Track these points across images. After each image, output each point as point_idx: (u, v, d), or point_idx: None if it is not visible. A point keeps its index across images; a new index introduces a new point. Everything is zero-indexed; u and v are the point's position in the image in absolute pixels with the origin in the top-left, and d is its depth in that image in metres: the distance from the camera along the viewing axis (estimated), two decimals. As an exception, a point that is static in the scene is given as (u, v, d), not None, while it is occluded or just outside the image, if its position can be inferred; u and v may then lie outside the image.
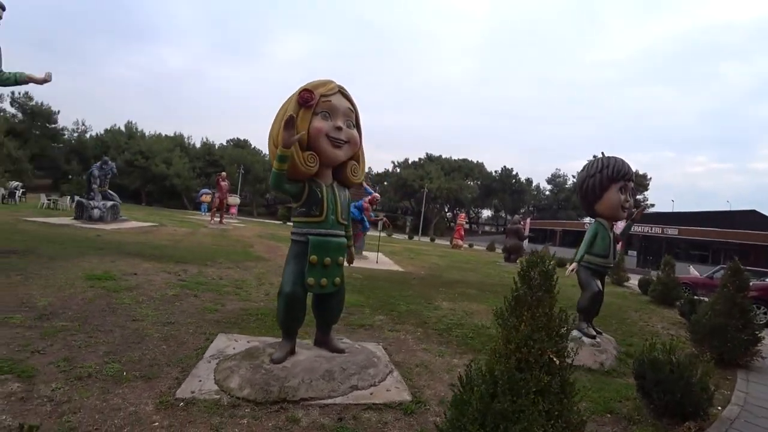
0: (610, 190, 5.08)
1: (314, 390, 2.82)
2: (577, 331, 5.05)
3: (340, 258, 3.34)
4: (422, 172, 58.66)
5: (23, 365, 3.01)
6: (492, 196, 69.74)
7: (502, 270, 15.31)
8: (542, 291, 1.98)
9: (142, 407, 2.56)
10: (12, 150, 37.42)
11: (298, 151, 3.02)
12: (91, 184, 15.35)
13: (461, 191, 59.06)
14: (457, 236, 29.63)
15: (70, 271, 6.21)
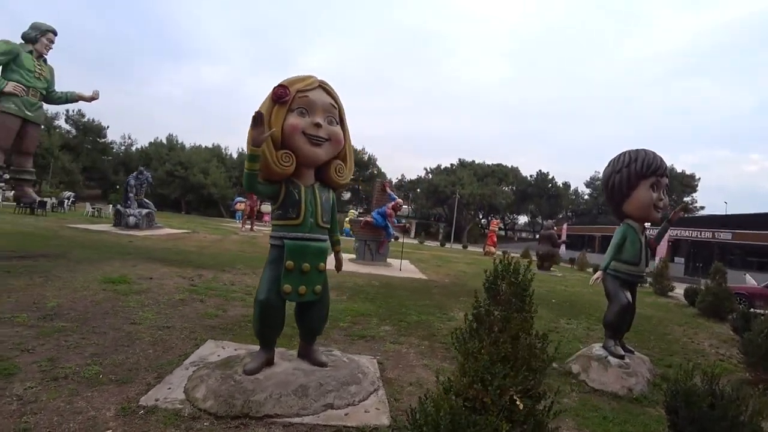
0: (639, 188, 4.49)
1: (282, 406, 2.62)
2: (603, 350, 4.56)
3: (321, 264, 3.13)
4: (454, 178, 57.89)
5: (7, 363, 3.04)
6: (528, 202, 67.76)
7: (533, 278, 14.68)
8: (512, 308, 1.63)
9: (103, 412, 2.48)
10: (66, 163, 40.57)
11: (271, 150, 2.87)
12: (128, 193, 16.08)
13: (495, 197, 57.76)
14: (489, 243, 28.80)
15: (90, 274, 6.41)
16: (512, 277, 1.67)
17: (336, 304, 6.40)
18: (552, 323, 6.85)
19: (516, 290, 1.65)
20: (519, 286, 1.65)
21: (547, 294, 10.57)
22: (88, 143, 52.14)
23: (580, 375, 4.31)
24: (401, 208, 13.79)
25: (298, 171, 3.07)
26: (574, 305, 9.00)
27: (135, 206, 15.90)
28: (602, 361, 4.35)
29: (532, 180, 67.81)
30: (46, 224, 13.67)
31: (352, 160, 3.45)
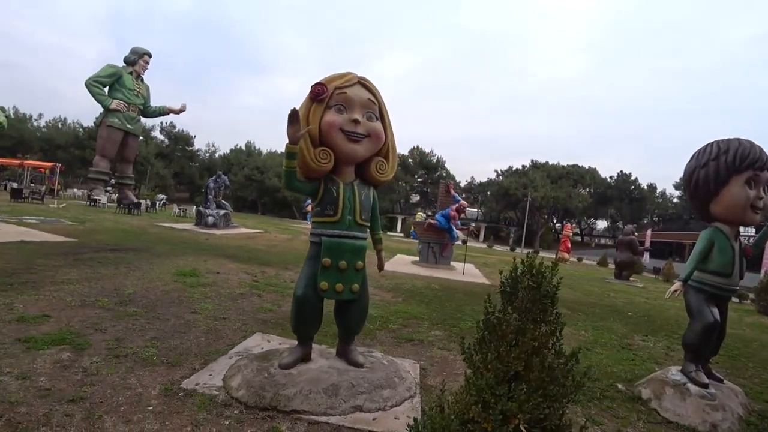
0: (730, 184, 3.73)
1: (310, 403, 2.61)
2: (681, 375, 3.89)
3: (359, 262, 3.08)
4: (526, 180, 55.28)
5: (82, 339, 3.41)
6: (607, 205, 62.41)
7: (608, 288, 13.47)
8: (528, 318, 1.40)
9: (149, 390, 2.66)
10: (160, 169, 45.79)
11: (309, 148, 2.88)
12: (208, 195, 17.42)
13: (570, 199, 54.17)
14: (562, 248, 26.96)
15: (166, 267, 7.02)
16: (532, 281, 1.43)
17: (389, 305, 6.36)
18: (624, 339, 6.18)
19: (535, 296, 1.40)
20: (539, 292, 1.40)
21: (623, 306, 9.64)
22: (178, 151, 58.48)
23: (650, 402, 3.72)
24: (465, 210, 13.44)
25: (337, 168, 3.06)
26: (654, 320, 8.08)
27: (214, 207, 17.22)
28: (680, 388, 3.71)
29: (611, 182, 62.45)
30: (139, 222, 15.30)
31: (395, 157, 3.37)
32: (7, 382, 2.58)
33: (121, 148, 24.46)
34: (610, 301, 10.33)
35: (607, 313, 8.23)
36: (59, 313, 4.06)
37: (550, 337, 1.39)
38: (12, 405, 2.33)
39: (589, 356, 4.98)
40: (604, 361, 4.85)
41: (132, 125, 24.56)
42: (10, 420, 2.18)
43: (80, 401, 2.44)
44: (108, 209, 20.15)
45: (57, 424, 2.20)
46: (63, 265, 6.27)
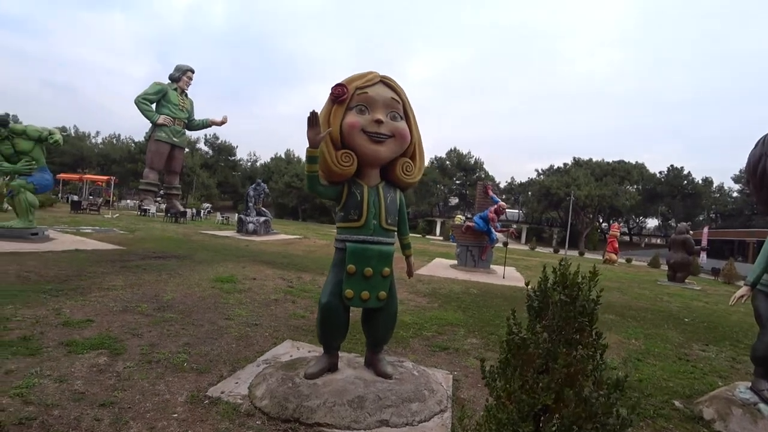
0: None
1: (334, 416, 2.50)
2: (750, 392, 3.47)
3: (385, 269, 2.95)
4: (568, 179, 52.95)
5: (119, 344, 3.51)
6: (657, 202, 58.51)
7: (661, 291, 12.58)
8: (561, 339, 1.18)
9: (176, 397, 2.67)
10: (204, 179, 48.07)
11: (330, 151, 2.80)
12: (248, 203, 17.92)
13: (616, 197, 51.34)
14: (609, 249, 25.63)
15: (205, 273, 7.22)
16: (565, 294, 1.22)
17: (424, 311, 6.20)
18: (681, 348, 5.65)
19: (569, 313, 1.18)
20: (574, 308, 1.18)
21: (678, 311, 8.92)
22: (221, 161, 61.41)
23: (714, 423, 3.31)
24: (504, 211, 13.03)
25: (361, 171, 2.96)
26: (716, 327, 7.38)
27: (254, 214, 17.70)
28: (749, 408, 3.29)
29: (661, 177, 58.57)
30: (184, 230, 15.97)
31: (422, 158, 3.22)
32: (46, 385, 2.67)
33: (169, 160, 25.79)
34: (664, 305, 9.60)
35: (661, 319, 7.63)
36: (102, 318, 4.22)
37: (588, 363, 1.17)
38: (47, 407, 2.40)
39: (641, 368, 4.58)
40: (658, 373, 4.43)
41: (178, 138, 25.86)
42: (44, 422, 2.24)
43: (110, 406, 2.48)
44: (156, 218, 21.23)
45: (86, 428, 2.23)
46: (110, 272, 6.59)
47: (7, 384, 2.63)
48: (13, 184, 9.45)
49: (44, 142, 9.62)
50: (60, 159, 49.08)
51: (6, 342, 3.32)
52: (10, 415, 2.26)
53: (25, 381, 2.67)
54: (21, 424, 2.20)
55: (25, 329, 3.66)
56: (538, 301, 1.28)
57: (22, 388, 2.58)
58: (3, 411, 2.29)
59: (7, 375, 2.76)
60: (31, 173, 9.39)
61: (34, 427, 2.19)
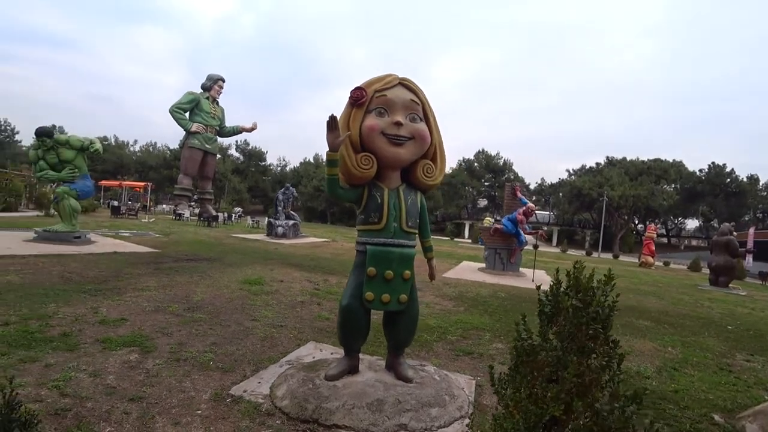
0: None
1: (352, 418, 2.50)
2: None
3: (406, 272, 2.94)
4: (601, 179, 51.08)
5: (150, 342, 3.66)
6: (698, 202, 55.44)
7: (702, 296, 11.95)
8: (571, 347, 1.11)
9: (200, 394, 2.75)
10: (236, 184, 49.54)
11: (350, 154, 2.82)
12: (277, 207, 18.28)
13: (653, 197, 49.06)
14: (646, 252, 24.53)
15: (234, 276, 7.41)
16: (577, 299, 1.15)
17: (450, 314, 6.14)
18: (723, 358, 5.32)
19: (581, 319, 1.11)
20: (587, 314, 1.12)
21: (721, 318, 8.44)
22: (252, 166, 63.17)
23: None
24: (533, 213, 12.76)
25: (381, 173, 2.96)
26: (762, 336, 6.92)
27: (283, 218, 18.04)
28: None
29: (701, 175, 55.45)
30: (216, 234, 16.47)
31: (443, 159, 3.20)
32: (81, 379, 2.82)
33: (202, 166, 26.68)
34: (705, 311, 9.11)
35: (701, 326, 7.23)
36: (135, 317, 4.40)
37: (601, 373, 1.11)
38: (81, 400, 2.53)
39: (677, 378, 4.33)
40: (696, 384, 4.18)
41: (210, 145, 26.73)
42: (77, 414, 2.37)
43: (138, 401, 2.59)
44: (190, 222, 22.00)
45: (115, 420, 2.34)
46: (145, 273, 6.87)
47: (46, 377, 2.79)
48: (57, 191, 10.04)
49: (86, 151, 10.17)
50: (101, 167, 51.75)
51: (47, 338, 3.52)
52: (47, 406, 2.40)
53: (63, 375, 2.83)
54: (56, 415, 2.32)
55: (65, 326, 3.87)
56: (550, 306, 1.23)
57: (60, 381, 2.73)
58: (41, 402, 2.43)
59: (46, 368, 2.93)
60: (74, 180, 9.94)
61: (69, 418, 2.31)
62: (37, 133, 9.64)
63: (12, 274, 5.95)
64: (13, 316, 4.02)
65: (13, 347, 3.25)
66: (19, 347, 3.26)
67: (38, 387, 2.63)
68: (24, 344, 3.33)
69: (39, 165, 9.77)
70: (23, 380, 2.68)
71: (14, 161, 41.70)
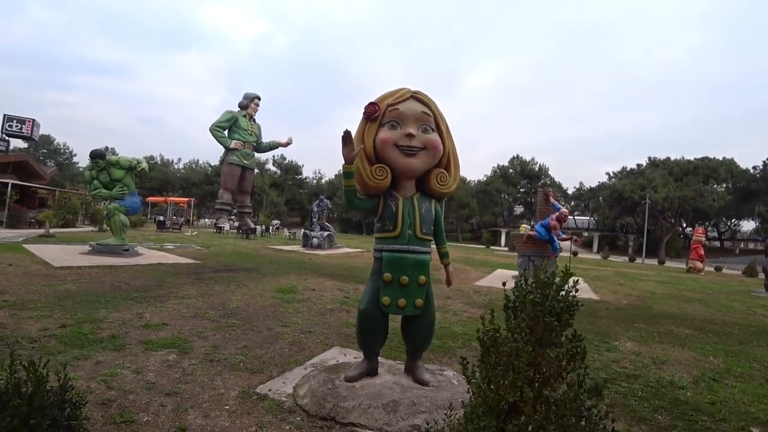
0: None
1: (367, 418, 2.62)
2: None
3: (421, 277, 3.05)
4: (643, 181, 48.39)
5: (187, 344, 3.95)
6: (753, 202, 51.39)
7: (755, 303, 11.17)
8: (530, 339, 1.18)
9: (229, 392, 2.96)
10: (274, 197, 51.13)
11: (365, 166, 2.98)
12: (312, 218, 18.78)
13: (701, 198, 45.96)
14: (693, 257, 23.10)
15: (269, 284, 7.74)
16: (536, 296, 1.24)
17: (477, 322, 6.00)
18: None
19: (538, 313, 1.19)
20: (545, 308, 1.19)
21: (771, 326, 7.90)
22: (289, 180, 65.21)
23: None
24: (566, 218, 12.46)
25: (396, 183, 3.11)
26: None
27: (318, 229, 18.48)
28: None
29: (756, 173, 51.18)
30: (253, 246, 17.11)
31: (457, 168, 3.32)
32: (125, 375, 3.12)
33: (240, 181, 27.88)
34: (756, 319, 8.54)
35: (750, 335, 6.80)
36: (175, 322, 4.74)
37: (566, 365, 1.17)
38: (125, 392, 2.81)
39: (716, 389, 4.11)
40: (737, 396, 3.97)
41: (248, 161, 27.93)
42: (121, 404, 2.65)
43: (174, 395, 2.83)
44: (230, 235, 22.94)
45: (152, 411, 2.59)
46: (186, 283, 7.31)
47: (96, 372, 3.11)
48: (109, 208, 10.86)
49: (133, 170, 10.97)
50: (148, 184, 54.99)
51: (98, 339, 3.89)
52: (96, 397, 2.70)
53: (110, 371, 3.14)
54: (103, 404, 2.61)
55: (113, 329, 4.24)
56: (515, 301, 1.31)
57: (107, 376, 3.04)
58: (91, 393, 2.73)
59: (96, 365, 3.26)
60: (123, 197, 10.73)
61: (113, 408, 2.59)
62: (91, 155, 10.52)
63: (69, 283, 6.52)
64: (69, 320, 4.44)
65: (69, 346, 3.62)
66: (74, 346, 3.63)
67: (89, 380, 2.94)
68: (78, 344, 3.70)
69: (93, 184, 10.64)
70: (76, 374, 3.00)
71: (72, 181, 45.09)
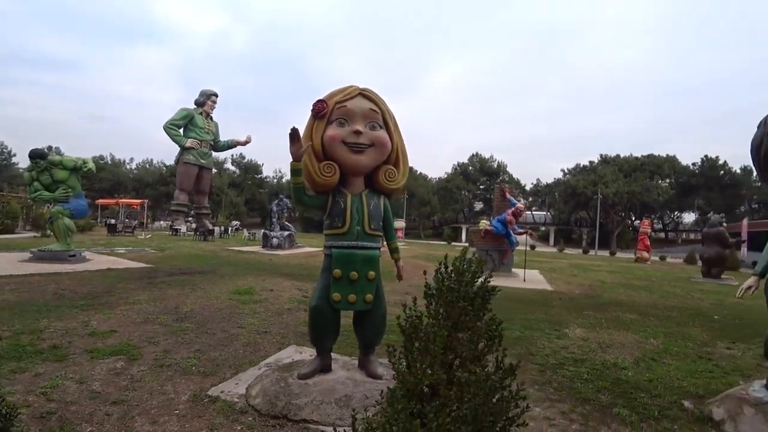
0: None
1: (320, 413, 2.65)
2: (765, 391, 3.20)
3: (370, 272, 3.10)
4: (595, 177, 51.33)
5: (137, 350, 3.82)
6: (693, 195, 55.73)
7: (693, 288, 12.08)
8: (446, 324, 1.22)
9: (180, 396, 2.91)
10: (232, 197, 49.69)
11: (313, 163, 3.00)
12: (272, 218, 18.42)
13: (647, 193, 49.28)
14: (641, 247, 24.71)
15: (225, 287, 7.56)
16: (452, 282, 1.30)
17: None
18: (704, 347, 5.44)
19: (451, 299, 1.25)
20: (460, 294, 1.25)
21: (709, 308, 8.57)
22: (248, 180, 63.69)
23: (723, 424, 3.09)
24: (522, 213, 12.95)
25: (345, 180, 3.15)
26: (747, 324, 7.01)
27: (278, 229, 18.16)
28: (763, 408, 3.05)
29: (695, 169, 55.72)
30: (211, 247, 16.60)
31: (405, 164, 3.38)
32: (68, 386, 2.98)
33: (197, 181, 26.91)
34: (694, 303, 9.25)
35: (687, 318, 7.36)
36: (124, 328, 4.56)
37: (475, 346, 1.22)
38: (66, 404, 2.70)
39: (654, 368, 4.43)
40: (672, 373, 4.29)
41: (205, 160, 27.00)
42: (61, 416, 2.54)
43: (121, 403, 2.75)
44: (187, 237, 22.14)
45: (97, 421, 2.51)
46: (137, 288, 7.02)
47: (35, 385, 2.95)
48: (52, 211, 10.21)
49: (79, 170, 10.35)
50: (98, 185, 52.04)
51: (38, 350, 3.69)
52: (33, 410, 2.57)
53: (50, 382, 3.00)
54: (42, 418, 2.50)
55: (55, 339, 4.03)
56: (433, 288, 1.36)
57: (47, 388, 2.90)
58: (28, 407, 2.60)
59: (35, 377, 3.10)
60: (68, 200, 10.11)
61: (53, 421, 2.48)
62: (31, 155, 9.84)
63: (7, 293, 6.10)
64: (5, 332, 4.17)
65: (4, 359, 3.41)
66: (10, 359, 3.42)
67: (26, 394, 2.80)
68: (15, 356, 3.49)
69: (33, 186, 9.95)
70: (12, 388, 2.84)
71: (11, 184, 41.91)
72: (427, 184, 58.53)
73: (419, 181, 59.26)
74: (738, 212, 52.64)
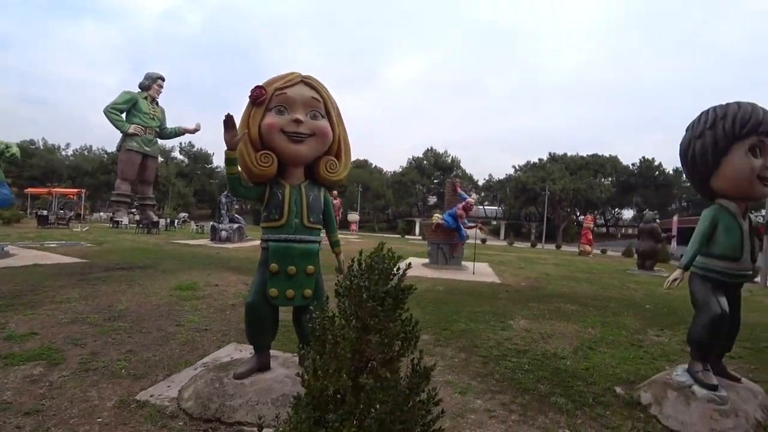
0: (731, 154, 3.27)
1: (255, 414, 2.52)
2: (687, 376, 3.42)
3: (309, 266, 2.99)
4: (543, 174, 54.09)
5: (59, 354, 3.50)
6: (631, 193, 60.41)
7: (629, 280, 12.92)
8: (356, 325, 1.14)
9: (105, 403, 2.70)
10: (180, 188, 47.36)
11: (249, 152, 2.85)
12: (220, 210, 17.72)
13: (591, 190, 52.63)
14: (584, 241, 26.19)
15: (166, 282, 7.15)
16: (361, 280, 1.21)
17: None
18: (636, 335, 5.78)
19: (361, 298, 1.17)
20: (369, 293, 1.17)
21: (642, 299, 9.17)
22: (198, 170, 60.73)
23: (650, 408, 3.28)
24: (472, 208, 13.22)
25: (284, 170, 3.01)
26: (674, 313, 7.58)
27: (227, 221, 17.49)
28: (684, 391, 3.27)
29: (634, 169, 60.34)
30: (155, 241, 15.72)
31: (348, 155, 3.27)
32: (-28, 398, 2.65)
33: (141, 170, 25.33)
34: (629, 293, 9.88)
35: (622, 307, 7.83)
36: (47, 330, 4.17)
37: (388, 349, 1.15)
38: (-32, 420, 2.39)
39: (591, 356, 4.63)
40: (607, 360, 4.51)
41: (150, 147, 25.43)
42: (-40, 435, 2.24)
43: (35, 414, 2.50)
44: (129, 230, 20.82)
45: (4, 437, 2.25)
46: (67, 285, 6.47)
47: (-71, 398, 2.61)
48: (-33, 200, 9.18)
49: (1, 156, 9.37)
50: (28, 173, 47.70)
51: (-62, 358, 3.27)
52: (-76, 428, 2.26)
53: (-49, 395, 2.66)
54: (-68, 437, 2.19)
55: (-39, 345, 3.60)
56: (344, 287, 1.26)
57: (-54, 401, 2.56)
58: None
59: (-70, 390, 2.73)
60: (-14, 188, 9.12)
61: (-51, 438, 2.19)
62: (-59, 138, 8.77)
63: None
64: None
65: None
66: None
67: None
68: None
69: (-56, 173, 8.89)
70: None
71: None
72: (382, 177, 58.74)
73: (374, 174, 59.33)
74: (670, 209, 57.20)
